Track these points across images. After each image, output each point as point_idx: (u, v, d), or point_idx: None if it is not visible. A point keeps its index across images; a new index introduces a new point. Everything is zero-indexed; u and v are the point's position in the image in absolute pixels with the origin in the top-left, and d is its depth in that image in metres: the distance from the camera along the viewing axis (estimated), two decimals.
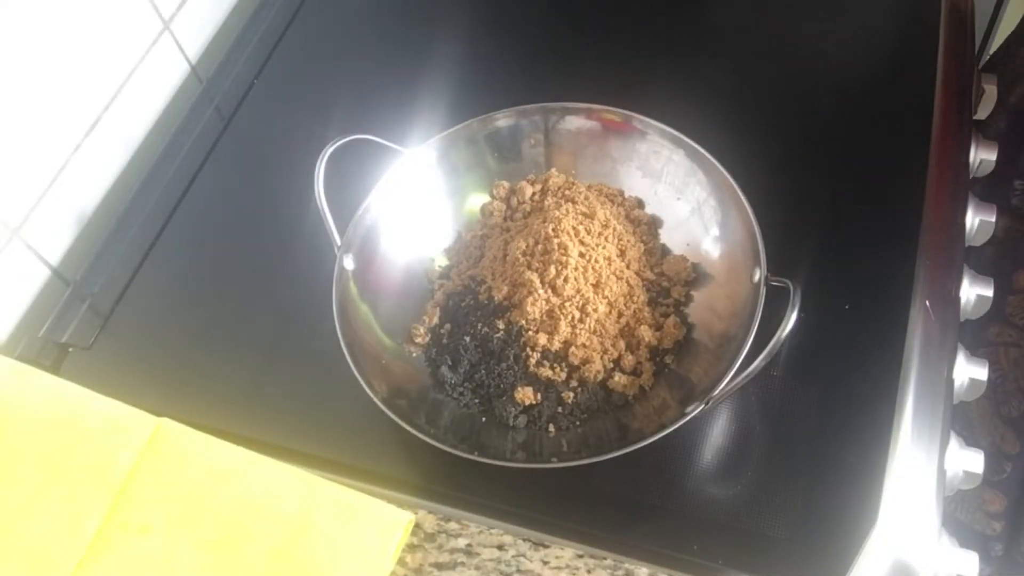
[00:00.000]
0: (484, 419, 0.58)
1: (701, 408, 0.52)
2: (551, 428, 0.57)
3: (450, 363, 0.60)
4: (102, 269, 0.69)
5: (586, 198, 0.65)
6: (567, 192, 0.66)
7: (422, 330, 0.62)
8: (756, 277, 0.56)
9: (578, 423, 0.58)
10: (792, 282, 0.52)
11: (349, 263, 0.60)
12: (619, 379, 0.58)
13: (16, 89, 0.63)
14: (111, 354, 0.65)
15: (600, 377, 0.59)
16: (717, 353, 0.57)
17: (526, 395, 0.58)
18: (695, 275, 0.63)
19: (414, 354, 0.62)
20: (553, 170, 0.68)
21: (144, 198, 0.73)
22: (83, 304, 0.68)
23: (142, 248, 0.70)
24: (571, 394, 0.58)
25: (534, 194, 0.67)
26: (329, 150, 0.59)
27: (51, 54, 0.66)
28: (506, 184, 0.68)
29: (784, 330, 0.49)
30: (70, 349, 0.65)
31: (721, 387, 0.52)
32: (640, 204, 0.67)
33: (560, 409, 0.58)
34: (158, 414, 0.57)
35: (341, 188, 0.60)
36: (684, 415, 0.52)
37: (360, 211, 0.62)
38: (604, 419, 0.58)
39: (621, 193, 0.67)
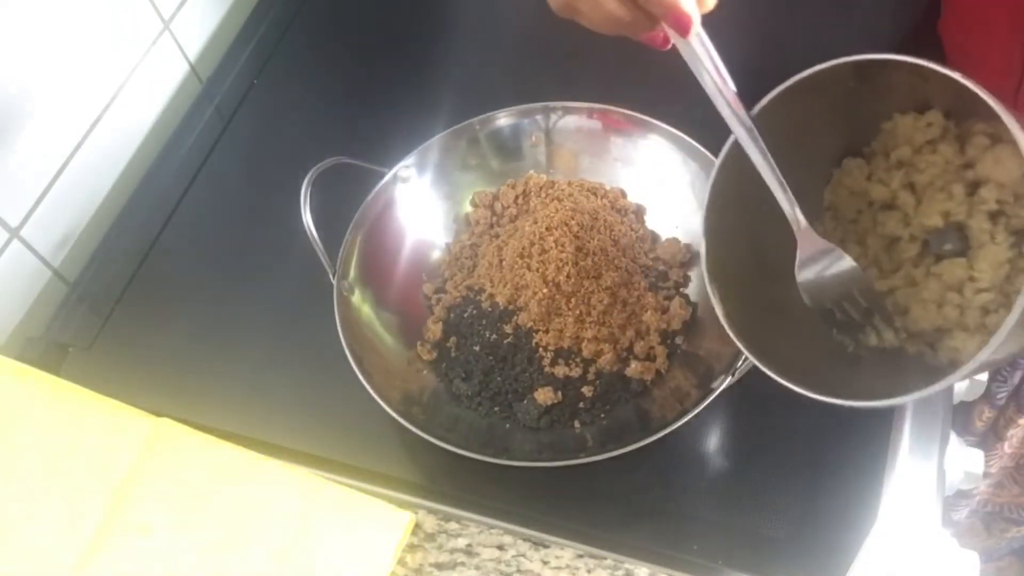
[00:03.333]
0: (508, 425, 0.58)
1: (728, 381, 0.53)
2: (576, 424, 0.58)
3: (463, 375, 0.60)
4: (102, 269, 0.69)
5: (570, 194, 0.65)
6: (550, 191, 0.66)
7: (428, 347, 0.62)
8: None
9: (602, 415, 0.58)
10: None
11: (345, 288, 0.60)
12: (635, 366, 0.59)
13: (16, 89, 0.63)
14: (111, 354, 0.65)
15: (616, 367, 0.59)
16: None
17: (546, 395, 0.58)
18: (690, 255, 0.63)
19: (424, 372, 0.62)
20: (532, 172, 0.68)
21: (144, 198, 0.73)
22: (83, 304, 0.68)
23: (142, 248, 0.70)
24: (590, 388, 0.59)
25: (517, 197, 0.67)
26: (308, 182, 0.58)
27: (51, 54, 0.66)
28: (488, 191, 0.68)
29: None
30: (70, 349, 0.65)
31: (743, 359, 0.52)
32: (623, 194, 0.67)
33: (581, 404, 0.58)
34: (158, 414, 0.57)
35: (337, 199, 0.60)
36: (711, 391, 0.53)
37: (347, 236, 0.62)
38: (626, 408, 0.58)
39: (602, 186, 0.67)
